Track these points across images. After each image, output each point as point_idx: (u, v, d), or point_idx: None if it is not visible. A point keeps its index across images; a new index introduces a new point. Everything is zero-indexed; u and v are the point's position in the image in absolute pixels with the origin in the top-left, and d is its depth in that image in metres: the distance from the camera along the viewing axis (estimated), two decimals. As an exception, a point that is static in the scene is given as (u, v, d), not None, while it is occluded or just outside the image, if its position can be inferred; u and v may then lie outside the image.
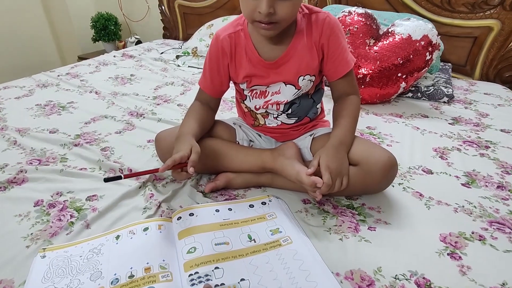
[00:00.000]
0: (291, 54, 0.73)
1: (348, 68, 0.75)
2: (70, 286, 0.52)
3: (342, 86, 0.78)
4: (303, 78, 0.75)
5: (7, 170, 0.82)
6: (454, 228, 0.66)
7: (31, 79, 1.48)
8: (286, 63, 0.73)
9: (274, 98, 0.78)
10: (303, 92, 0.78)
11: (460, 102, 1.32)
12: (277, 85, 0.76)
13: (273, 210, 0.70)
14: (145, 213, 0.69)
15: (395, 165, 0.69)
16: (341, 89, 0.78)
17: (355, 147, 0.71)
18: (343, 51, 0.73)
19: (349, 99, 0.77)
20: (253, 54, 0.73)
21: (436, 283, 0.54)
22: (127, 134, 1.03)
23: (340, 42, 0.73)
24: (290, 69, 0.74)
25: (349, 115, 0.75)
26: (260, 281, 0.53)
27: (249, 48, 0.74)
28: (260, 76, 0.75)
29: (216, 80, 0.79)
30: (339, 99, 0.79)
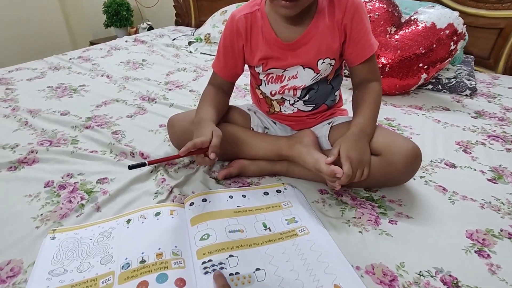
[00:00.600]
0: (311, 35, 0.69)
1: (371, 51, 0.70)
2: (80, 269, 0.51)
3: (364, 72, 0.73)
4: (322, 61, 0.71)
5: (18, 150, 0.81)
6: (481, 224, 0.62)
7: (43, 61, 1.47)
8: (305, 45, 0.69)
9: (291, 82, 0.74)
10: (322, 77, 0.74)
11: (483, 95, 1.26)
12: (295, 69, 0.72)
13: (289, 198, 0.67)
14: (157, 197, 0.67)
15: (419, 156, 0.66)
16: (363, 75, 0.74)
17: (377, 136, 0.68)
18: (367, 33, 0.69)
19: (371, 86, 0.73)
20: (270, 35, 0.70)
21: (463, 281, 0.51)
22: (139, 118, 1.01)
23: (364, 23, 0.68)
24: (309, 51, 0.70)
25: (371, 103, 0.71)
26: (277, 271, 0.51)
27: (266, 29, 0.70)
28: (277, 58, 0.72)
29: (230, 63, 0.76)
30: (359, 86, 0.75)
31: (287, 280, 0.49)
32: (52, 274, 0.50)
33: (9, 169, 0.74)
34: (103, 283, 0.48)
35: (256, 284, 0.49)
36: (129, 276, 0.49)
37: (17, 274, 0.50)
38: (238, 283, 0.48)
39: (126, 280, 0.48)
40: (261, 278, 0.50)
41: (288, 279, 0.50)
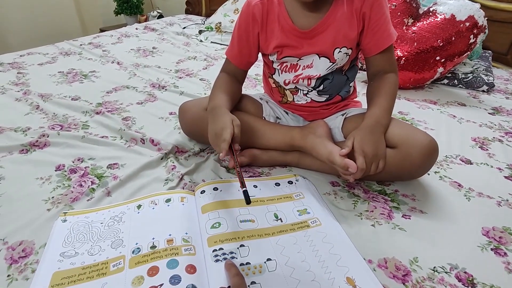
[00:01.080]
0: (329, 23, 0.67)
1: (390, 41, 0.68)
2: (91, 252, 0.51)
3: (381, 63, 0.71)
4: (339, 50, 0.69)
5: (29, 133, 0.81)
6: (498, 222, 0.61)
7: (54, 46, 1.47)
8: (322, 33, 0.67)
9: (305, 72, 0.72)
10: (337, 67, 0.72)
11: (501, 92, 1.22)
12: (310, 58, 0.71)
13: (300, 190, 0.66)
14: (167, 184, 0.67)
15: (436, 150, 0.64)
16: (379, 65, 0.72)
17: (393, 129, 0.66)
18: (386, 23, 0.67)
19: (387, 77, 0.71)
20: (286, 22, 0.68)
21: (479, 278, 0.50)
22: (149, 105, 1.00)
23: (384, 12, 0.66)
24: (326, 39, 0.68)
25: (387, 93, 0.69)
26: (288, 262, 0.50)
27: (282, 16, 0.68)
28: (293, 47, 0.70)
29: (245, 50, 0.74)
30: (375, 77, 0.73)
31: (298, 271, 0.49)
32: (64, 256, 0.50)
33: (21, 152, 0.74)
34: (114, 266, 0.48)
35: (267, 274, 0.48)
36: (139, 261, 0.48)
37: (28, 255, 0.51)
38: (249, 273, 0.48)
39: (137, 265, 0.48)
40: (272, 268, 0.49)
41: (299, 270, 0.49)
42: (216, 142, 0.60)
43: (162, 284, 0.45)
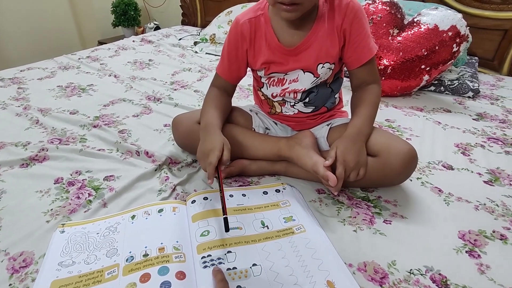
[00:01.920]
0: (312, 41, 0.71)
1: (370, 55, 0.72)
2: (87, 261, 0.54)
3: (363, 75, 0.75)
4: (322, 65, 0.73)
5: (29, 147, 0.85)
6: (474, 225, 0.64)
7: (53, 61, 1.52)
8: (306, 50, 0.71)
9: (291, 86, 0.76)
10: (322, 81, 0.76)
11: (486, 97, 1.26)
12: (295, 73, 0.75)
13: (287, 198, 0.70)
14: (160, 195, 0.70)
15: (415, 158, 0.67)
16: (361, 77, 0.75)
17: (374, 137, 0.70)
18: (366, 37, 0.71)
19: (370, 88, 0.75)
20: (272, 40, 0.72)
21: (452, 280, 0.53)
22: (144, 117, 1.04)
23: (363, 27, 0.70)
24: (309, 56, 0.72)
25: (369, 104, 0.73)
26: (272, 267, 0.53)
27: (269, 34, 0.72)
28: (279, 63, 0.74)
29: (234, 66, 0.78)
30: (358, 89, 0.77)
31: (282, 275, 0.52)
32: (61, 266, 0.53)
33: (21, 166, 0.78)
34: (109, 274, 0.51)
35: (252, 278, 0.51)
36: (132, 269, 0.52)
37: (29, 265, 0.54)
38: (235, 277, 0.51)
39: (130, 272, 0.51)
40: (257, 273, 0.52)
41: (283, 275, 0.52)
42: (203, 162, 0.64)
43: (153, 290, 0.48)
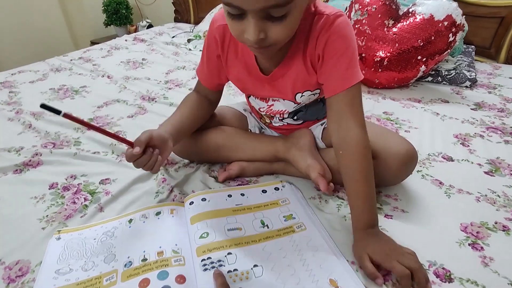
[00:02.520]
0: (285, 70, 0.63)
1: (346, 84, 0.57)
2: (85, 267, 0.53)
3: (339, 106, 0.59)
4: (301, 95, 0.65)
5: (22, 153, 0.83)
6: (476, 217, 0.63)
7: (44, 63, 1.49)
8: (281, 78, 0.64)
9: (276, 105, 0.72)
10: (307, 103, 0.70)
11: (484, 86, 1.25)
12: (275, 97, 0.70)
13: (286, 196, 0.69)
14: (157, 197, 0.69)
15: (415, 158, 0.64)
16: (338, 109, 0.59)
17: (372, 138, 0.61)
18: (342, 62, 0.57)
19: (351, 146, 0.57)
20: (250, 60, 0.64)
21: (456, 273, 0.52)
22: (139, 118, 1.02)
23: (341, 52, 0.57)
24: (285, 85, 0.65)
25: (363, 181, 0.56)
26: (274, 267, 0.52)
27: (246, 51, 0.63)
28: (254, 87, 0.69)
29: (214, 71, 0.70)
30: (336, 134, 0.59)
31: (284, 276, 0.51)
32: (59, 273, 0.52)
33: (15, 172, 0.76)
34: (107, 281, 0.50)
35: (253, 280, 0.50)
36: (131, 274, 0.51)
37: (25, 274, 0.53)
38: (236, 280, 0.50)
39: (129, 278, 0.50)
40: (259, 274, 0.51)
41: (284, 275, 0.51)
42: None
43: (153, 295, 0.47)
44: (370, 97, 1.18)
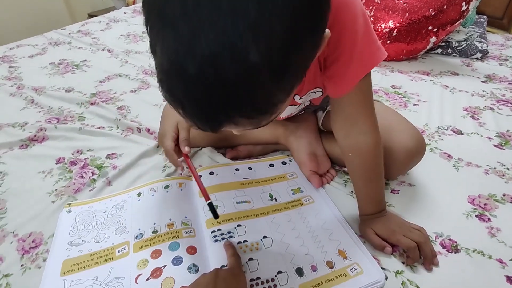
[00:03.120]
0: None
1: (347, 86, 0.47)
2: (97, 239, 0.54)
3: (347, 109, 0.51)
4: (300, 97, 0.56)
5: (27, 128, 0.82)
6: (484, 190, 0.63)
7: (43, 37, 1.45)
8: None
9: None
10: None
11: (495, 58, 1.22)
12: None
13: (294, 169, 0.69)
14: (165, 171, 0.69)
15: (421, 152, 0.61)
16: (345, 111, 0.51)
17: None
18: (348, 56, 0.44)
19: (361, 148, 0.51)
20: None
21: (462, 244, 0.53)
22: (143, 92, 1.01)
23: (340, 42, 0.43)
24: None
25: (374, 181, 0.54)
26: (283, 238, 0.53)
27: None
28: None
29: None
30: (342, 140, 0.54)
31: (293, 246, 0.52)
32: (71, 245, 0.53)
33: (21, 147, 0.76)
34: (119, 252, 0.51)
35: (263, 250, 0.51)
36: (143, 245, 0.51)
37: (38, 245, 0.54)
38: (246, 250, 0.51)
39: (141, 249, 0.51)
40: (268, 245, 0.52)
41: (293, 245, 0.52)
42: (161, 146, 0.59)
43: (165, 265, 0.48)
44: (377, 70, 1.15)
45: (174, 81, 0.27)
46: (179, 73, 0.26)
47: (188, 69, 0.25)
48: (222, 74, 0.25)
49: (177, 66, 0.26)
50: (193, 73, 0.25)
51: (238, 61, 0.24)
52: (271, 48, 0.25)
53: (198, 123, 0.30)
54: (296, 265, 0.49)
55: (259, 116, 0.30)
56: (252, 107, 0.28)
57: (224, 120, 0.29)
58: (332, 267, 0.49)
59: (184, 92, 0.27)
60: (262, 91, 0.27)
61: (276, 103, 0.30)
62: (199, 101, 0.27)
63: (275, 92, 0.28)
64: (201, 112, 0.28)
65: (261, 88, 0.27)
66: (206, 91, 0.26)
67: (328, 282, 0.47)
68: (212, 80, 0.25)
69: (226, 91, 0.26)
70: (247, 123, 0.30)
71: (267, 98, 0.28)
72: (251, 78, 0.25)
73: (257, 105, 0.28)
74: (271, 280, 0.47)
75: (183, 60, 0.25)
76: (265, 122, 0.32)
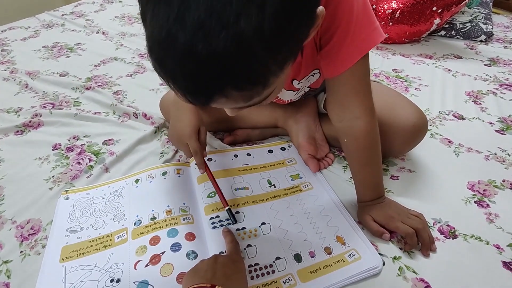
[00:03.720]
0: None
1: (341, 66, 0.46)
2: (95, 226, 0.54)
3: (342, 89, 0.49)
4: (298, 82, 0.57)
5: (22, 114, 0.81)
6: (484, 176, 0.63)
7: (35, 19, 1.41)
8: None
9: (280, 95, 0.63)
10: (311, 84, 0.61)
11: (499, 40, 1.19)
12: None
13: (293, 155, 0.68)
14: (162, 157, 0.68)
15: (423, 130, 0.59)
16: (340, 92, 0.50)
17: (377, 106, 0.52)
18: (341, 37, 0.43)
19: (359, 137, 0.51)
20: None
21: (460, 230, 0.53)
22: (139, 77, 0.99)
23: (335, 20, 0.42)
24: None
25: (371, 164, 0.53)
26: (281, 225, 0.53)
27: None
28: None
29: None
30: (338, 123, 0.53)
31: (291, 233, 0.52)
32: (70, 231, 0.53)
33: (16, 133, 0.75)
34: (118, 238, 0.51)
35: (262, 237, 0.51)
36: (141, 232, 0.52)
37: (37, 232, 0.54)
38: (245, 237, 0.51)
39: (139, 236, 0.51)
40: (267, 232, 0.52)
41: (292, 232, 0.52)
42: (178, 145, 0.58)
43: (164, 252, 0.48)
44: (379, 53, 1.12)
45: (164, 50, 0.26)
46: (169, 41, 0.25)
47: (178, 37, 0.24)
48: (212, 42, 0.24)
49: (167, 35, 0.25)
50: (184, 41, 0.24)
51: (228, 28, 0.24)
52: (262, 16, 0.24)
53: (189, 95, 0.29)
54: (294, 251, 0.49)
55: (251, 87, 0.29)
56: (243, 76, 0.27)
57: (215, 92, 0.28)
58: (330, 253, 0.49)
59: (174, 62, 0.26)
60: (253, 59, 0.26)
61: (267, 75, 0.29)
62: (189, 72, 0.26)
63: (266, 61, 0.27)
64: (192, 84, 0.27)
65: (253, 56, 0.26)
66: (197, 60, 0.25)
67: (326, 268, 0.47)
68: (203, 48, 0.24)
69: (217, 59, 0.25)
70: (239, 96, 0.29)
71: (258, 67, 0.27)
72: (242, 45, 0.24)
73: (248, 74, 0.27)
74: (270, 266, 0.47)
75: (173, 28, 0.24)
76: (257, 97, 0.31)
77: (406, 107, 0.60)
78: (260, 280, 0.45)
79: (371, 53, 1.13)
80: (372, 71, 1.00)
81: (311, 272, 0.46)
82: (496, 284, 0.46)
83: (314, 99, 0.73)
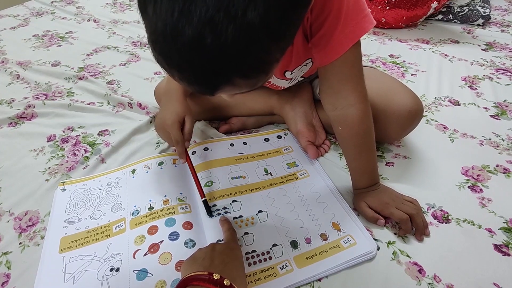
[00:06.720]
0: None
1: (332, 54, 0.46)
2: (93, 216, 0.54)
3: (333, 78, 0.50)
4: (290, 72, 0.57)
5: (14, 105, 0.80)
6: (478, 161, 0.64)
7: (24, 7, 1.37)
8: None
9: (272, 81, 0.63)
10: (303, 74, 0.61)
11: (497, 24, 1.18)
12: None
13: (289, 143, 0.68)
14: (158, 147, 0.68)
15: (419, 115, 0.59)
16: (332, 81, 0.50)
17: (372, 92, 0.53)
18: (332, 24, 0.44)
19: (353, 126, 0.51)
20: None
21: (454, 214, 0.54)
22: (132, 66, 0.97)
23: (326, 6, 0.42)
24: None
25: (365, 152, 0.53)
26: (278, 212, 0.54)
27: None
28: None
29: None
30: (331, 111, 0.53)
31: (288, 220, 0.53)
32: (68, 222, 0.53)
33: (10, 125, 0.74)
34: (116, 228, 0.52)
35: (259, 225, 0.52)
36: (139, 222, 0.52)
37: (35, 223, 0.54)
38: (242, 225, 0.52)
39: (137, 225, 0.51)
40: (264, 219, 0.53)
41: (288, 219, 0.53)
42: (160, 133, 0.59)
43: (162, 241, 0.49)
44: (375, 39, 1.11)
45: (170, 43, 0.26)
46: (176, 35, 0.25)
47: (184, 31, 0.24)
48: (220, 35, 0.24)
49: (173, 28, 0.24)
50: (190, 35, 0.24)
51: (235, 20, 0.24)
52: (268, 5, 0.24)
53: (196, 86, 0.29)
54: (291, 238, 0.50)
55: (257, 75, 0.30)
56: (250, 65, 0.28)
57: (223, 81, 0.29)
58: (326, 239, 0.50)
59: (181, 55, 0.26)
60: (260, 48, 0.26)
61: (272, 61, 0.30)
62: (197, 64, 0.26)
63: (272, 49, 0.28)
64: (200, 76, 0.28)
65: (260, 45, 0.26)
66: (205, 53, 0.25)
67: (321, 253, 0.48)
68: (211, 42, 0.24)
69: (226, 51, 0.25)
70: (244, 84, 0.30)
71: (264, 55, 0.28)
72: (250, 37, 0.25)
73: (256, 63, 0.28)
74: (267, 253, 0.48)
75: (179, 22, 0.24)
76: (261, 82, 0.32)
77: (402, 93, 0.60)
78: (258, 267, 0.46)
79: (368, 38, 1.12)
80: (369, 57, 1.00)
81: (307, 258, 0.47)
82: (487, 266, 0.47)
83: (309, 85, 0.73)
